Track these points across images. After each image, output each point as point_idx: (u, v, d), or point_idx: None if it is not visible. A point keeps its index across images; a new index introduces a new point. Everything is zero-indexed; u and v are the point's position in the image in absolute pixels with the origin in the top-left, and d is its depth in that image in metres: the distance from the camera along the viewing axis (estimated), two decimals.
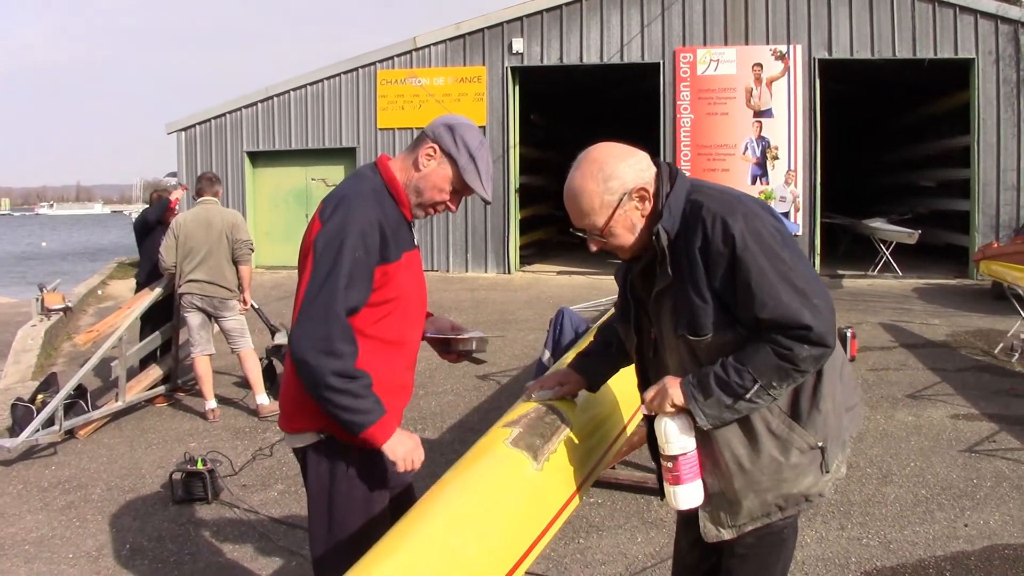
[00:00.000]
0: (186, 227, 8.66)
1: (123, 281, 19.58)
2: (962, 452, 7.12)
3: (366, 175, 3.32)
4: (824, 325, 2.69)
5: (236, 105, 21.46)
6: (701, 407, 2.79)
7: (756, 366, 2.71)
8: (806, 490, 2.89)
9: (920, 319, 13.34)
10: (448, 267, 20.29)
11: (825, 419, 2.87)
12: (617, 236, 2.91)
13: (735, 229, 2.70)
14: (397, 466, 3.16)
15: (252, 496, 6.56)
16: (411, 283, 3.32)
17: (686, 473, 2.88)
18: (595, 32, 19.42)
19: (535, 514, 2.88)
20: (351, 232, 3.09)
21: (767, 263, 2.68)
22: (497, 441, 3.00)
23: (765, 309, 2.68)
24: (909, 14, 18.22)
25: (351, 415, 3.05)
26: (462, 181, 3.27)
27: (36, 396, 8.41)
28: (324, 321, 3.03)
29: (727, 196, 2.83)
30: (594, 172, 2.89)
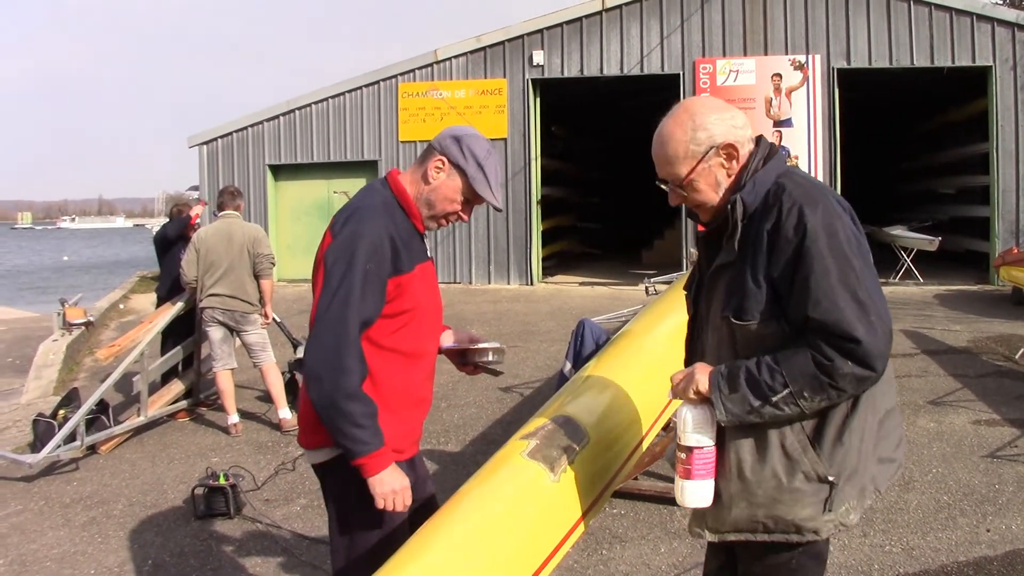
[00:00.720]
0: (207, 241, 8.71)
1: (145, 295, 19.67)
2: (984, 458, 7.11)
3: (377, 189, 3.36)
4: (876, 346, 2.53)
5: (258, 119, 21.53)
6: (724, 400, 2.63)
7: (791, 370, 2.56)
8: (800, 521, 2.68)
9: (941, 325, 13.28)
10: (471, 279, 20.30)
11: (847, 454, 2.68)
12: (699, 191, 2.81)
13: (809, 220, 2.58)
14: (376, 502, 3.14)
15: (275, 511, 6.59)
16: (425, 295, 3.35)
17: (698, 469, 2.73)
18: (615, 44, 19.44)
19: (552, 525, 2.88)
20: (362, 245, 3.12)
21: (833, 264, 2.55)
22: (514, 453, 3.02)
23: (818, 308, 2.53)
24: (927, 23, 18.19)
25: (347, 440, 3.08)
26: (472, 191, 3.31)
27: (58, 411, 8.45)
28: (335, 336, 3.07)
29: (815, 188, 2.72)
30: (684, 120, 2.81)
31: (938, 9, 18.18)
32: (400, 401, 3.28)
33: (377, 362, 3.22)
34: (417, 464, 3.49)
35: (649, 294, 9.65)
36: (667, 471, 6.65)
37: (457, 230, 20.07)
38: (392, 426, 3.24)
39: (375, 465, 3.10)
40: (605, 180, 30.38)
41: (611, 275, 21.46)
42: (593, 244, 28.74)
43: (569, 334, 7.01)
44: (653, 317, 5.27)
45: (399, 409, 3.28)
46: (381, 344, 3.23)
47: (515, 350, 11.82)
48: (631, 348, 4.48)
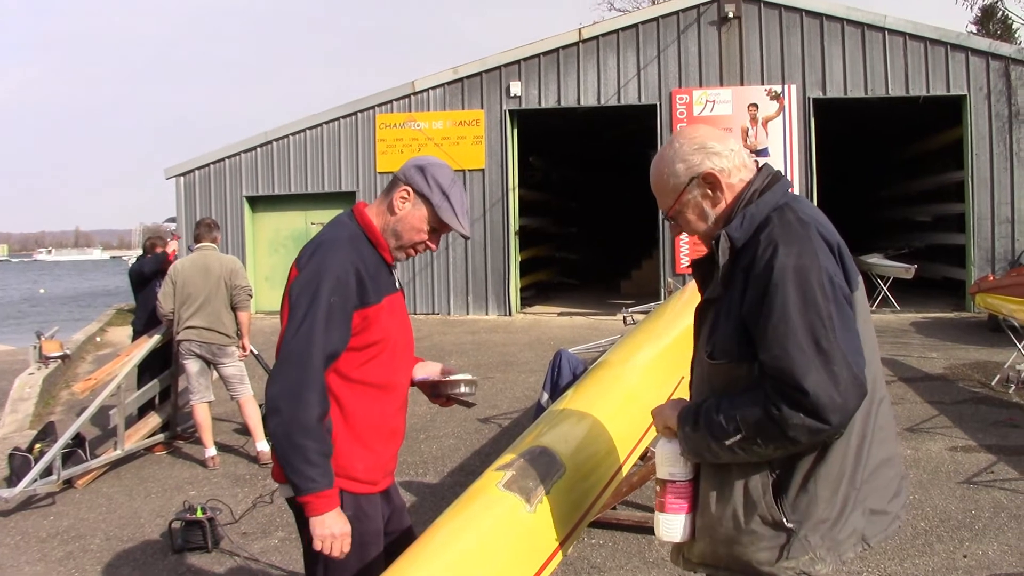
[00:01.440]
0: (184, 273, 8.69)
1: (122, 328, 19.57)
2: (960, 484, 7.15)
3: (343, 222, 3.38)
4: (830, 399, 2.38)
5: (235, 150, 21.52)
6: (686, 436, 2.62)
7: (744, 417, 2.48)
8: (757, 564, 2.62)
9: (918, 352, 13.37)
10: (449, 310, 20.29)
11: (812, 503, 2.57)
12: (687, 223, 2.81)
13: (780, 259, 2.47)
14: (314, 543, 3.13)
15: (252, 544, 6.55)
16: (395, 326, 3.36)
17: (671, 502, 2.72)
18: (592, 75, 19.56)
19: (529, 556, 2.88)
20: (326, 278, 3.14)
21: (798, 308, 2.43)
22: (490, 484, 3.02)
23: (770, 354, 2.44)
24: (901, 52, 18.39)
25: (295, 475, 3.07)
26: (438, 219, 3.32)
27: (34, 445, 8.38)
28: (297, 370, 3.08)
29: (801, 226, 2.58)
30: (666, 153, 2.80)
31: (912, 39, 18.40)
32: (372, 433, 3.29)
33: (347, 395, 3.24)
34: (392, 495, 3.50)
35: (627, 324, 9.67)
36: (645, 500, 6.66)
37: (435, 261, 20.09)
38: (364, 459, 3.27)
39: (320, 505, 3.08)
40: (583, 210, 30.48)
41: (589, 305, 21.49)
42: (571, 274, 28.79)
43: (547, 365, 7.03)
44: (630, 347, 5.28)
45: (371, 441, 3.29)
46: (350, 377, 3.24)
47: (493, 381, 11.82)
48: (608, 378, 4.49)
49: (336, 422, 3.23)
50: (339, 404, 3.23)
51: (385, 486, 3.42)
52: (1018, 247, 18.17)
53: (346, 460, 3.23)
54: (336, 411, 3.22)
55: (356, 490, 3.26)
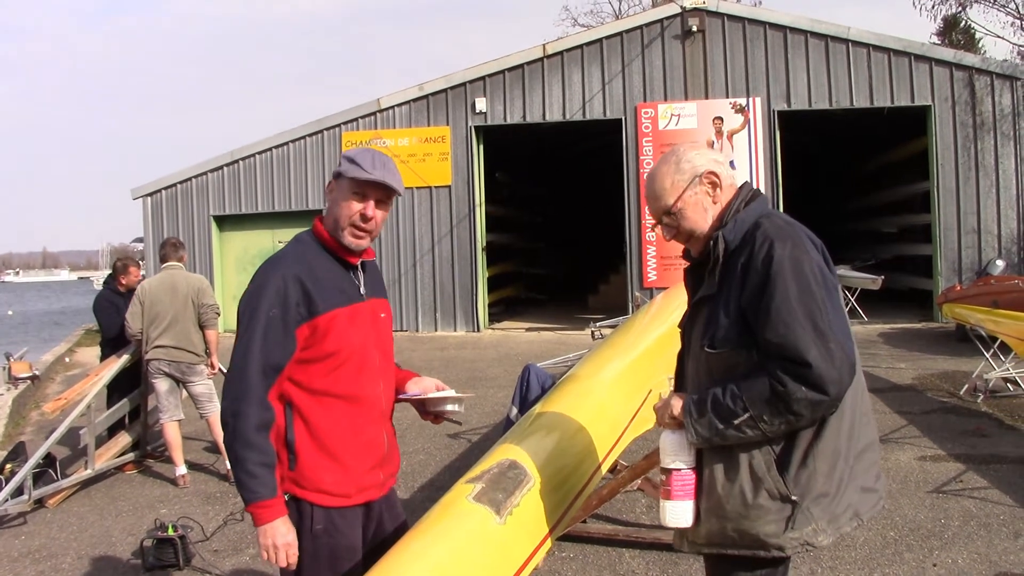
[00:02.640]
0: (152, 293, 8.66)
1: (91, 348, 19.46)
2: (930, 493, 7.20)
3: (300, 238, 3.45)
4: (829, 371, 2.67)
5: (202, 169, 21.47)
6: (694, 424, 2.83)
7: (751, 396, 2.74)
8: (764, 536, 2.86)
9: (886, 363, 13.49)
10: (417, 327, 20.28)
11: (811, 476, 2.84)
12: (687, 219, 3.01)
13: (777, 252, 2.77)
14: (260, 552, 3.18)
15: (224, 561, 6.53)
16: (357, 336, 3.32)
17: (677, 490, 2.91)
18: (557, 90, 19.64)
19: (499, 567, 2.91)
20: (266, 292, 3.19)
21: (796, 292, 2.72)
22: (460, 497, 3.04)
23: (774, 332, 2.70)
24: (865, 64, 18.54)
25: (239, 486, 3.15)
26: (354, 183, 3.29)
27: (4, 466, 8.32)
28: (237, 380, 3.15)
29: (789, 227, 2.91)
30: (668, 157, 3.08)
31: (876, 50, 18.55)
32: (341, 446, 3.26)
33: (311, 407, 3.24)
34: (375, 510, 3.40)
35: (595, 338, 9.71)
36: (615, 513, 6.69)
37: (403, 278, 20.10)
38: (333, 471, 3.24)
39: (262, 515, 3.12)
40: (550, 225, 30.54)
41: (557, 320, 21.53)
42: (539, 289, 28.83)
43: (515, 380, 7.04)
44: (598, 361, 5.31)
45: (340, 454, 3.26)
46: (313, 388, 3.24)
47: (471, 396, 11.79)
48: (576, 391, 4.52)
49: (301, 435, 3.23)
50: (303, 417, 3.24)
51: (363, 499, 3.35)
52: (985, 257, 18.33)
53: (314, 473, 3.23)
54: (301, 424, 3.23)
55: (326, 503, 3.24)
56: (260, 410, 3.12)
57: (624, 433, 4.46)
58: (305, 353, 3.22)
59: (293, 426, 3.23)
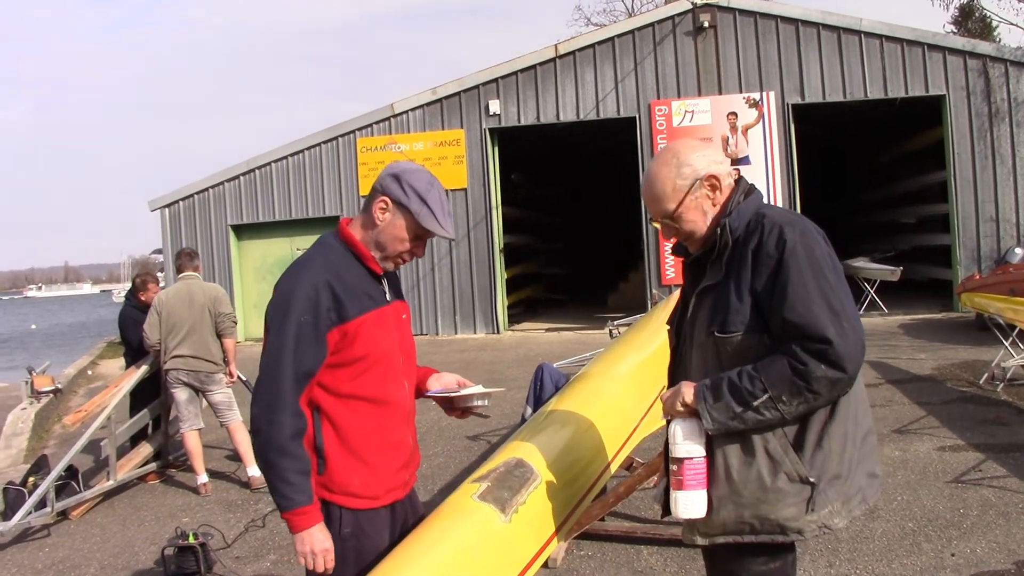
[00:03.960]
0: (168, 304, 8.72)
1: (113, 360, 19.60)
2: (948, 483, 7.16)
3: (326, 241, 3.39)
4: (847, 348, 2.72)
5: (218, 179, 21.59)
6: (709, 409, 2.83)
7: (770, 376, 2.75)
8: (784, 520, 2.86)
9: (907, 354, 13.42)
10: (437, 330, 20.34)
11: (827, 458, 2.86)
12: (689, 221, 3.03)
13: (789, 236, 2.82)
14: (298, 558, 3.18)
15: (245, 568, 6.57)
16: (384, 339, 3.32)
17: (689, 479, 2.88)
18: (570, 90, 19.65)
19: (504, 565, 2.92)
20: (296, 299, 3.16)
21: (810, 274, 2.77)
22: (465, 496, 3.07)
23: (793, 311, 2.74)
24: (878, 55, 18.46)
25: (275, 494, 3.13)
26: (420, 226, 3.28)
27: (27, 479, 8.39)
28: (270, 391, 3.12)
29: (793, 214, 2.99)
30: (668, 159, 3.06)
31: (889, 41, 18.46)
32: (369, 448, 3.27)
33: (340, 411, 3.23)
34: (406, 509, 3.43)
35: (613, 337, 9.72)
36: (633, 510, 6.70)
37: (421, 282, 20.15)
38: (361, 474, 3.25)
39: (300, 522, 3.12)
40: (568, 225, 30.55)
41: (577, 320, 21.53)
42: (559, 290, 28.83)
43: None
44: (611, 359, 5.32)
45: (369, 456, 3.26)
46: (341, 392, 3.23)
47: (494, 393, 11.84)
48: (587, 389, 4.53)
49: (330, 438, 3.23)
50: (332, 420, 3.24)
51: (390, 500, 3.35)
52: (1003, 245, 18.22)
53: (342, 476, 3.24)
54: (329, 427, 3.23)
55: (355, 506, 3.25)
56: (294, 418, 3.12)
57: (636, 430, 4.47)
58: (334, 358, 3.22)
59: (321, 430, 3.24)
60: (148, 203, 22.16)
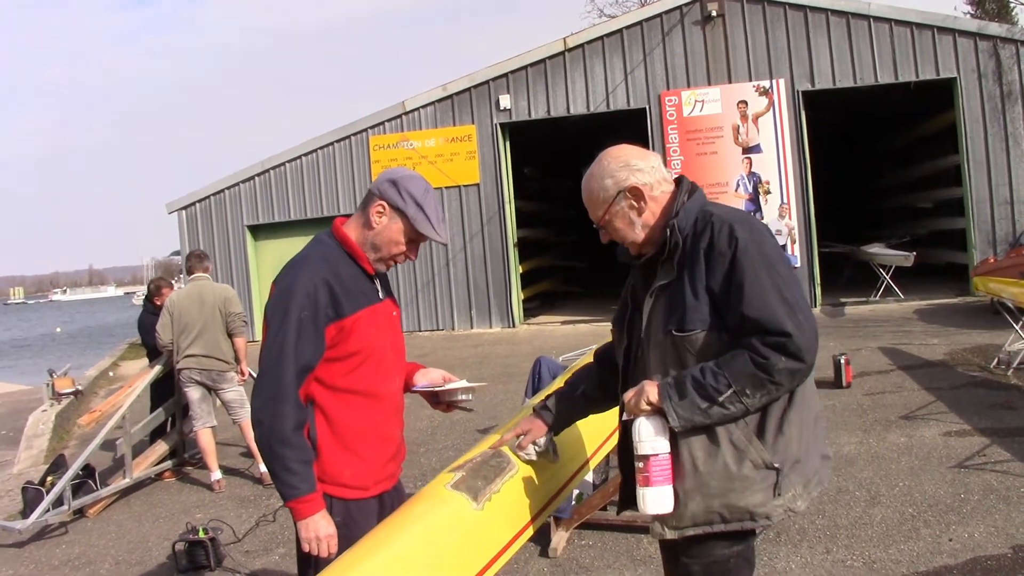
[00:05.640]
0: (180, 304, 8.86)
1: (134, 362, 19.81)
2: (951, 468, 7.20)
3: (321, 239, 3.51)
4: (804, 340, 2.79)
5: (234, 180, 21.73)
6: (674, 407, 2.87)
7: (732, 371, 2.81)
8: (752, 507, 2.92)
9: (920, 340, 13.42)
10: (453, 325, 20.42)
11: (788, 444, 2.94)
12: (616, 229, 3.14)
13: (740, 234, 2.88)
14: (301, 545, 3.31)
15: (254, 561, 6.71)
16: (377, 336, 3.47)
17: (656, 476, 2.92)
18: (580, 83, 19.67)
19: (474, 552, 2.97)
20: (295, 295, 3.28)
21: (763, 270, 2.84)
22: (439, 485, 3.14)
23: (751, 307, 2.80)
24: (888, 39, 18.35)
25: (279, 483, 3.27)
26: (415, 231, 3.45)
27: (46, 478, 8.59)
28: (272, 382, 3.24)
29: (739, 211, 3.06)
30: (595, 171, 3.18)
31: (898, 24, 18.34)
32: (360, 441, 3.41)
33: (333, 404, 3.38)
34: (386, 501, 3.55)
35: None
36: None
37: (436, 278, 20.26)
38: (353, 465, 3.39)
39: (303, 510, 3.26)
40: (583, 218, 30.40)
41: (593, 312, 21.51)
42: (576, 282, 28.82)
43: None
44: None
45: (360, 448, 3.41)
46: (335, 386, 3.37)
47: (494, 391, 11.94)
48: None
49: (323, 430, 3.37)
50: (325, 413, 3.37)
51: (379, 491, 3.52)
52: (1019, 227, 18.10)
53: (334, 467, 3.38)
54: (322, 420, 3.37)
55: (346, 496, 3.40)
56: (296, 410, 3.25)
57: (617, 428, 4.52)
58: (330, 352, 3.35)
59: (315, 422, 3.37)
60: (165, 205, 22.34)
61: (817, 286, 18.76)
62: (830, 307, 18.42)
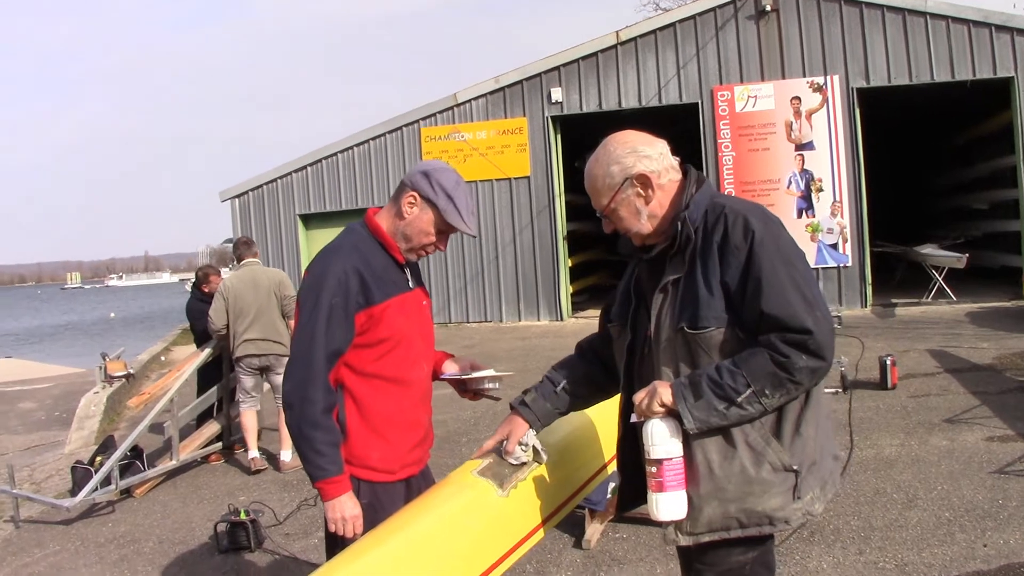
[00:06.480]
0: (235, 289, 9.01)
1: (186, 347, 20.06)
2: (991, 473, 7.12)
3: (354, 228, 3.62)
4: (824, 337, 2.71)
5: (286, 170, 21.90)
6: (690, 408, 2.77)
7: (751, 370, 2.72)
8: (771, 511, 2.84)
9: (969, 343, 13.24)
10: (501, 317, 20.47)
11: (805, 445, 2.86)
12: (621, 219, 3.03)
13: (756, 227, 2.79)
14: (328, 525, 3.40)
15: (294, 544, 6.84)
16: (407, 324, 3.55)
17: (670, 481, 2.82)
18: (632, 76, 19.62)
19: (496, 538, 3.03)
20: (327, 282, 3.38)
21: (780, 264, 2.75)
22: (465, 471, 3.19)
23: (770, 304, 2.71)
24: (945, 37, 18.08)
25: (308, 464, 3.36)
26: (445, 222, 3.51)
27: (95, 458, 8.80)
28: (303, 366, 3.34)
29: (750, 203, 2.97)
30: (601, 157, 3.04)
31: (955, 22, 18.03)
32: (388, 425, 3.50)
33: (363, 389, 3.47)
34: (413, 486, 3.63)
35: None
36: None
37: (485, 270, 20.32)
38: (380, 449, 3.49)
39: (330, 490, 3.35)
40: None
41: None
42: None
43: None
44: None
45: (387, 433, 3.50)
46: (364, 371, 3.47)
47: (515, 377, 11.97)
48: None
49: (352, 414, 3.47)
50: (354, 398, 3.47)
51: (405, 475, 3.61)
52: None
53: (362, 450, 3.48)
54: (351, 404, 3.47)
55: (372, 478, 3.49)
56: (326, 394, 3.35)
57: None
58: (360, 339, 3.44)
59: (344, 406, 3.47)
60: (219, 194, 22.57)
61: (868, 286, 18.57)
62: (880, 308, 18.24)
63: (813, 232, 18.49)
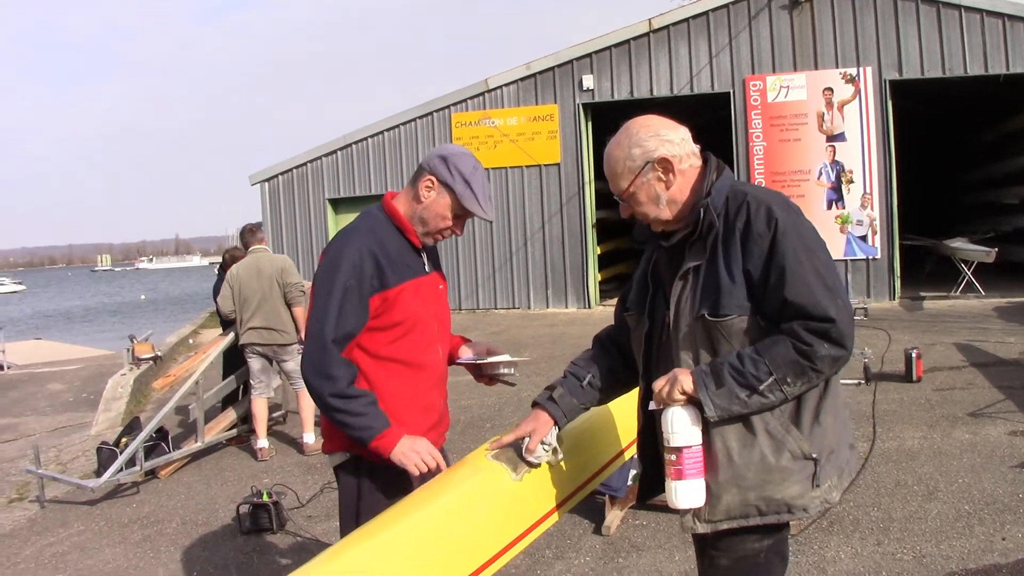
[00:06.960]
0: (240, 277, 9.10)
1: (214, 330, 20.17)
2: (1013, 468, 7.09)
3: (371, 212, 3.66)
4: (846, 326, 2.72)
5: (316, 154, 21.95)
6: (711, 396, 2.77)
7: (773, 358, 2.73)
8: (790, 499, 2.84)
9: (996, 338, 13.16)
10: (529, 304, 20.48)
11: (824, 433, 2.86)
12: (640, 204, 2.99)
13: (779, 215, 2.78)
14: (410, 471, 3.39)
15: (316, 526, 6.90)
16: (422, 307, 3.57)
17: (689, 468, 2.82)
18: (664, 65, 19.54)
19: (508, 521, 3.04)
20: (342, 265, 3.41)
21: (803, 253, 2.75)
22: (480, 455, 3.22)
23: (794, 292, 2.71)
24: (979, 30, 17.90)
25: (354, 431, 3.38)
26: (461, 207, 3.53)
27: (121, 440, 8.89)
28: (319, 348, 3.37)
29: (771, 191, 2.96)
30: (622, 140, 3.01)
31: (990, 15, 17.84)
32: (402, 408, 3.52)
33: (377, 372, 3.50)
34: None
35: None
36: None
37: (514, 257, 20.34)
38: None
39: (387, 444, 3.37)
40: None
41: None
42: None
43: None
44: None
45: (402, 416, 3.50)
46: (379, 354, 3.50)
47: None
48: None
49: None
50: (368, 380, 3.49)
51: None
52: None
53: None
54: (366, 387, 3.48)
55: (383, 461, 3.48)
56: (346, 370, 3.38)
57: None
58: (374, 322, 3.46)
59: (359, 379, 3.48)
60: (248, 177, 22.65)
61: (897, 279, 18.47)
62: (908, 300, 18.14)
63: (843, 224, 18.40)
